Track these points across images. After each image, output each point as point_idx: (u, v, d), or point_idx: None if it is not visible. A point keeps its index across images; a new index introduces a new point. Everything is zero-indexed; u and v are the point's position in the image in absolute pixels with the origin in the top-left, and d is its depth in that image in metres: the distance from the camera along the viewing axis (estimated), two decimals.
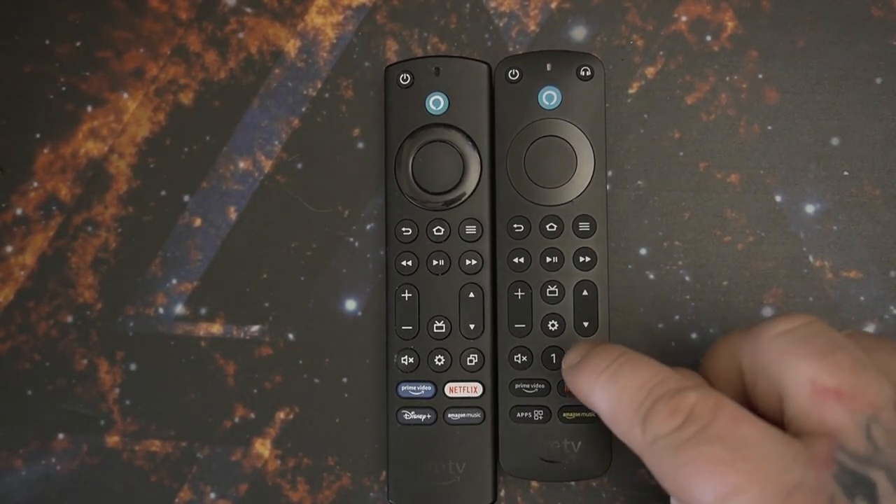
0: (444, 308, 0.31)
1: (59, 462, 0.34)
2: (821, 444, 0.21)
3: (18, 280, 0.35)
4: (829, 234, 0.33)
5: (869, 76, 0.33)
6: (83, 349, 0.34)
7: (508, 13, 0.34)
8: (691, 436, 0.22)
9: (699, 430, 0.22)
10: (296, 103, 0.34)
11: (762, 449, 0.21)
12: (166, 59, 0.35)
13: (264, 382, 0.34)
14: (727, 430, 0.22)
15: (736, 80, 0.33)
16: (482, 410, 0.31)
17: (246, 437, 0.34)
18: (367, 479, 0.33)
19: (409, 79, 0.32)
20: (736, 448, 0.21)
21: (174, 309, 0.34)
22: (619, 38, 0.34)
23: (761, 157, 0.33)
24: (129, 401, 0.34)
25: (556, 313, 0.31)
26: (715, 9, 0.34)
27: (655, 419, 0.23)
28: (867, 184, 0.33)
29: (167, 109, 0.35)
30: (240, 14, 0.35)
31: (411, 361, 0.31)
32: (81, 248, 0.35)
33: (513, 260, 0.31)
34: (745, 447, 0.21)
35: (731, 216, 0.33)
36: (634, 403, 0.24)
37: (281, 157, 0.34)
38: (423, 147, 0.32)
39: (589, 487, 0.33)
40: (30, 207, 0.35)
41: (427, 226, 0.32)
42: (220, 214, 0.34)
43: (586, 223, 0.31)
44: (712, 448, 0.21)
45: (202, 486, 0.34)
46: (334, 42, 0.35)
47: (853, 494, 0.20)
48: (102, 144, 0.35)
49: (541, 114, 0.31)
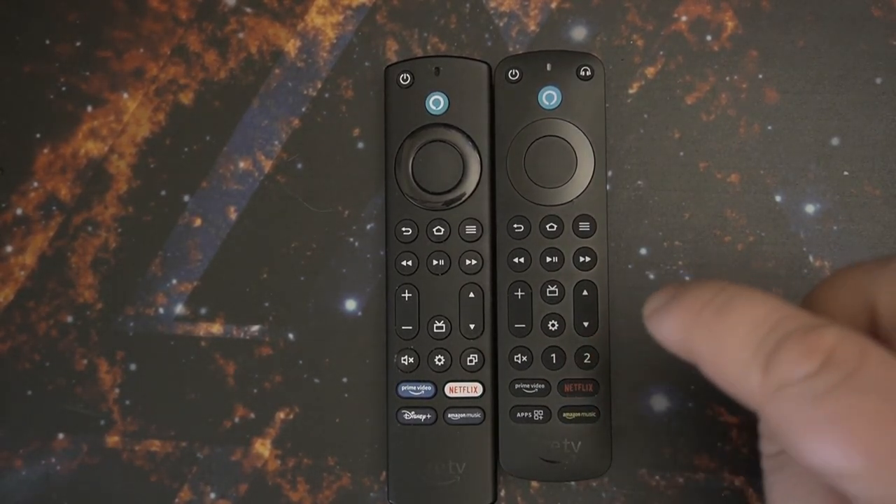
0: (444, 308, 0.31)
1: (59, 462, 0.34)
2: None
3: (18, 280, 0.35)
4: (829, 234, 0.33)
5: (869, 76, 0.33)
6: (83, 349, 0.34)
7: (508, 13, 0.34)
8: (836, 384, 0.17)
9: (845, 378, 0.17)
10: (296, 103, 0.34)
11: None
12: (166, 59, 0.35)
13: (264, 382, 0.34)
14: (881, 378, 0.17)
15: (736, 80, 0.33)
16: (482, 410, 0.31)
17: (246, 437, 0.34)
18: (367, 479, 0.33)
19: (409, 79, 0.32)
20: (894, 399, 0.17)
21: (174, 309, 0.34)
22: (619, 38, 0.34)
23: (761, 157, 0.33)
24: (129, 401, 0.34)
25: (556, 313, 0.31)
26: (715, 9, 0.34)
27: (783, 361, 0.18)
28: (867, 184, 0.33)
29: (167, 109, 0.35)
30: (240, 14, 0.35)
31: (411, 361, 0.31)
32: (81, 248, 0.35)
33: (513, 260, 0.31)
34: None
35: (731, 216, 0.33)
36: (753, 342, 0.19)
37: (281, 157, 0.34)
38: (423, 147, 0.32)
39: (589, 487, 0.33)
40: (30, 207, 0.35)
41: (427, 226, 0.32)
42: (220, 214, 0.34)
43: (586, 223, 0.31)
44: (864, 399, 0.17)
45: (202, 486, 0.34)
46: (334, 42, 0.35)
47: None
48: (102, 144, 0.35)
49: (541, 114, 0.31)
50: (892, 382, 0.17)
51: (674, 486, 0.33)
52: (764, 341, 0.19)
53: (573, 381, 0.31)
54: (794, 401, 0.18)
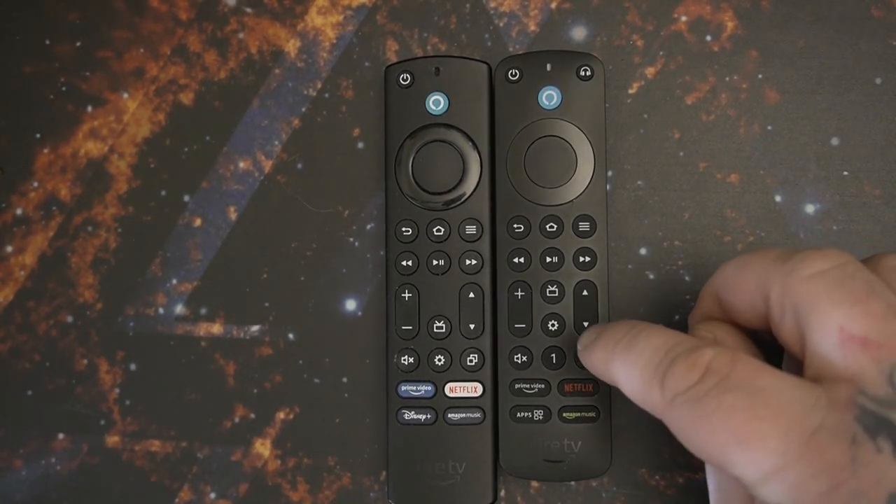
0: (444, 308, 0.31)
1: (59, 462, 0.34)
2: (841, 388, 0.21)
3: (18, 280, 0.35)
4: (829, 234, 0.33)
5: (869, 76, 0.33)
6: (83, 349, 0.35)
7: (508, 13, 0.34)
8: (711, 388, 0.22)
9: (718, 382, 0.22)
10: (296, 103, 0.34)
11: (782, 396, 0.21)
12: (166, 59, 0.35)
13: (264, 382, 0.34)
14: (746, 380, 0.22)
15: (736, 80, 0.33)
16: (482, 410, 0.31)
17: (246, 437, 0.34)
18: (367, 479, 0.33)
19: (409, 79, 0.32)
20: (756, 396, 0.21)
21: (174, 309, 0.34)
22: (619, 38, 0.34)
23: (761, 157, 0.33)
24: (129, 401, 0.34)
25: (556, 313, 0.31)
26: (715, 9, 0.34)
27: (674, 376, 0.23)
28: (867, 184, 0.33)
29: (167, 109, 0.35)
30: (240, 14, 0.35)
31: (411, 361, 0.31)
32: (81, 248, 0.35)
33: (513, 260, 0.31)
34: (765, 395, 0.21)
35: (731, 216, 0.33)
36: (652, 365, 0.24)
37: (281, 157, 0.34)
38: (423, 147, 0.32)
39: (589, 487, 0.33)
40: (30, 207, 0.35)
41: (427, 226, 0.32)
42: (220, 214, 0.34)
43: (586, 223, 0.31)
44: (733, 397, 0.21)
45: (202, 486, 0.34)
46: (334, 42, 0.35)
47: (875, 434, 0.20)
48: (102, 144, 0.35)
49: (541, 114, 0.31)
50: (754, 382, 0.22)
51: (674, 486, 0.33)
52: (660, 364, 0.23)
53: (573, 381, 0.31)
54: (684, 406, 0.22)
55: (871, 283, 0.22)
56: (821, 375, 0.22)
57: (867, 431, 0.20)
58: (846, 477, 0.20)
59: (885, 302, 0.22)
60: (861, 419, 0.20)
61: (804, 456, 0.20)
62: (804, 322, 0.23)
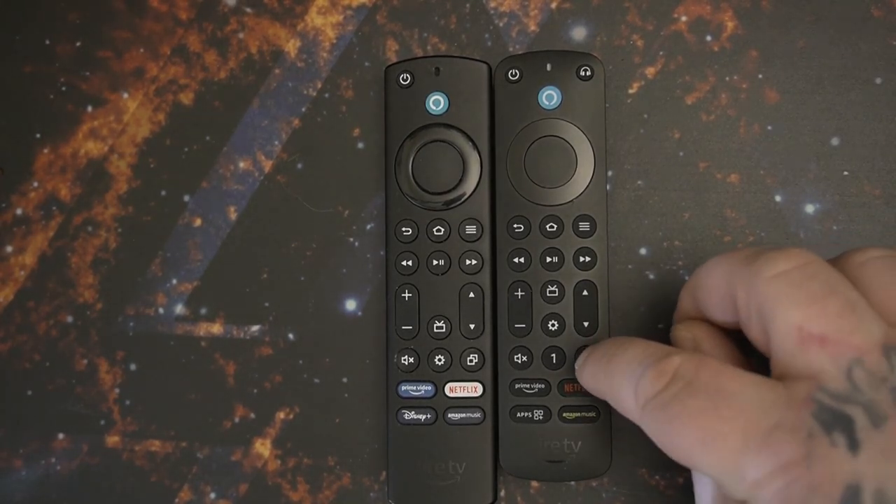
0: (444, 308, 0.31)
1: (59, 462, 0.34)
2: (801, 386, 0.22)
3: (18, 280, 0.35)
4: (829, 234, 0.33)
5: (869, 76, 0.33)
6: (83, 349, 0.35)
7: (508, 13, 0.34)
8: (676, 392, 0.23)
9: (683, 387, 0.23)
10: (296, 103, 0.34)
11: (742, 396, 0.22)
12: (166, 59, 0.35)
13: (264, 382, 0.34)
14: (709, 383, 0.23)
15: (736, 80, 0.33)
16: (482, 410, 0.31)
17: (246, 437, 0.34)
18: (367, 479, 0.33)
19: (409, 79, 0.32)
20: (717, 397, 0.22)
21: (174, 309, 0.34)
22: (619, 38, 0.34)
23: (761, 157, 0.33)
24: (129, 401, 0.34)
25: (556, 313, 0.31)
26: (715, 9, 0.34)
27: (644, 384, 0.24)
28: (867, 184, 0.33)
29: (167, 109, 0.35)
30: (240, 14, 0.35)
31: (411, 361, 0.31)
32: (81, 248, 0.35)
33: (513, 260, 0.31)
34: (726, 396, 0.22)
35: (731, 216, 0.33)
36: (628, 376, 0.25)
37: (281, 157, 0.34)
38: (423, 147, 0.32)
39: (589, 487, 0.33)
40: (30, 207, 0.35)
41: (427, 226, 0.32)
42: (220, 214, 0.34)
43: (586, 223, 0.31)
44: (695, 400, 0.23)
45: (202, 486, 0.34)
46: (334, 42, 0.35)
47: (830, 429, 0.21)
48: (102, 144, 0.35)
49: (541, 114, 0.31)
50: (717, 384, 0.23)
51: (674, 486, 0.33)
52: (633, 374, 0.25)
53: (573, 381, 0.31)
54: (654, 412, 0.23)
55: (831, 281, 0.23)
56: (784, 374, 0.22)
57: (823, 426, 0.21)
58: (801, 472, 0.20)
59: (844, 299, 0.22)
60: (818, 415, 0.21)
61: (761, 453, 0.21)
62: (767, 322, 0.23)
